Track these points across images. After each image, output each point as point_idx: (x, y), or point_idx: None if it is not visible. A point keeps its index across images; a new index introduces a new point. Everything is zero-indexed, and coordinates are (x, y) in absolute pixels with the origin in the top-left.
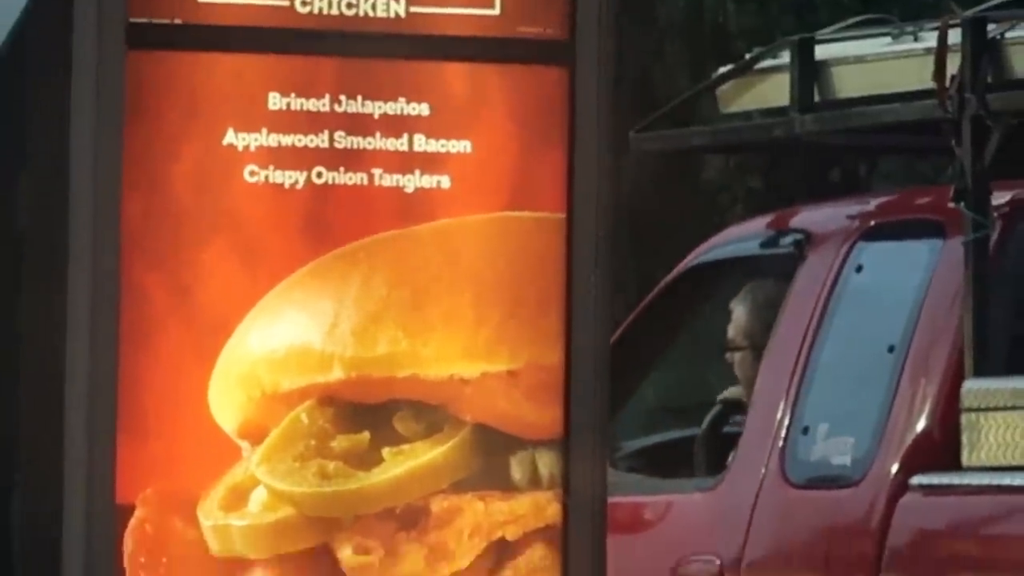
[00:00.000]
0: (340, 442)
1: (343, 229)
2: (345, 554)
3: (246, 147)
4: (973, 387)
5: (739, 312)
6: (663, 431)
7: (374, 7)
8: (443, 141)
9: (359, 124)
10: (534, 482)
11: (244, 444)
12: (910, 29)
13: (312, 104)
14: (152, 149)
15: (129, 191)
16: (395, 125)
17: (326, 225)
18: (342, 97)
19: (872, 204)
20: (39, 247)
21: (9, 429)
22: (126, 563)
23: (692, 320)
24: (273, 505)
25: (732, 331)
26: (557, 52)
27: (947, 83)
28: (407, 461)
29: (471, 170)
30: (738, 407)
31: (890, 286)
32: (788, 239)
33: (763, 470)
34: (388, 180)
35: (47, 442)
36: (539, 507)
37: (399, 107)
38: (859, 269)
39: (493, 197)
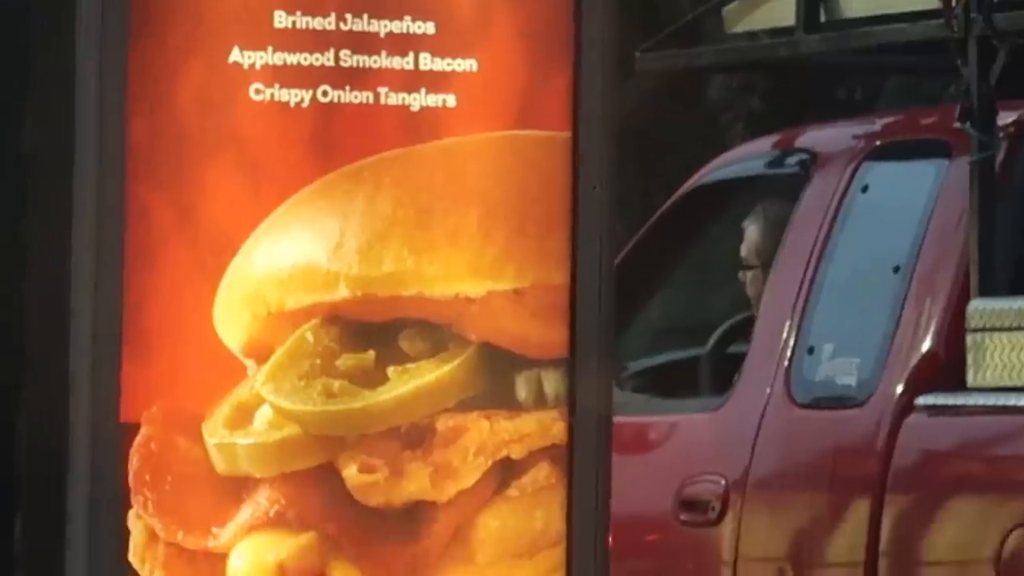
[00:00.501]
0: (345, 361)
1: (349, 147)
2: (350, 472)
3: (251, 65)
4: (979, 307)
5: (751, 231)
6: (668, 352)
7: None
8: (449, 60)
9: (365, 42)
10: (539, 401)
11: (249, 363)
12: None
13: (318, 22)
14: (156, 68)
15: (134, 110)
16: (401, 43)
17: (331, 143)
18: (348, 15)
19: (878, 124)
20: (44, 166)
21: (15, 347)
22: (131, 481)
23: (697, 241)
24: (278, 423)
25: (745, 250)
26: None
27: (953, 2)
28: (412, 380)
29: (477, 89)
30: (744, 328)
31: (895, 206)
32: (794, 159)
33: (768, 390)
34: (394, 99)
35: (52, 361)
36: (544, 426)
37: (405, 25)
38: (865, 189)
39: (499, 116)
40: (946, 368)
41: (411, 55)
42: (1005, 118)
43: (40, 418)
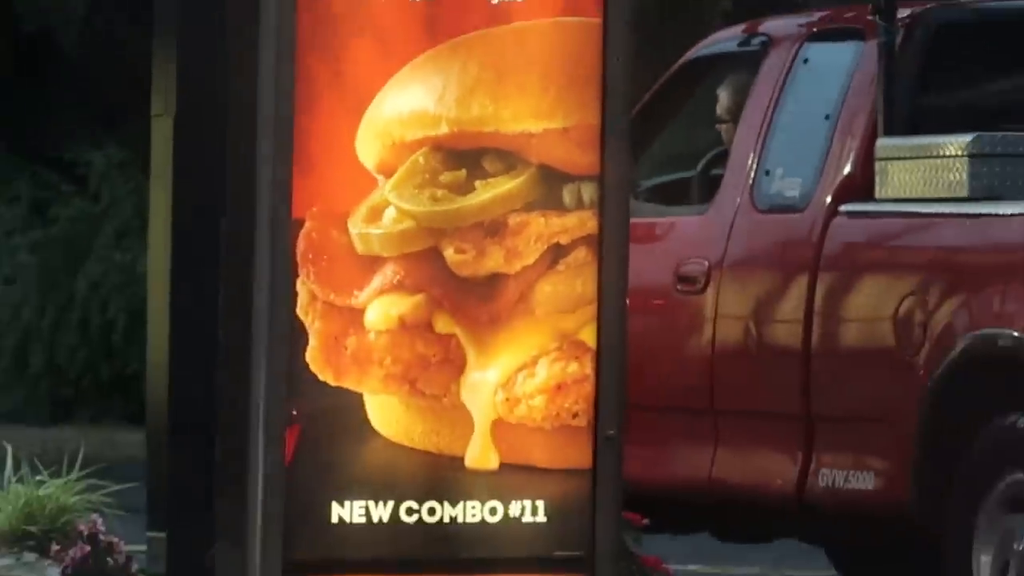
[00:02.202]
0: (445, 176)
1: (450, 28)
2: (449, 253)
3: None
4: (884, 143)
5: (723, 95)
6: (670, 173)
7: None
8: None
9: None
10: (579, 204)
11: (380, 177)
12: None
13: None
14: None
15: (301, 5)
16: None
17: (438, 25)
18: None
19: (816, 16)
20: (237, 39)
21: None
22: (299, 258)
23: (690, 98)
24: (399, 219)
25: (719, 109)
26: None
27: None
28: (492, 190)
29: None
30: (722, 158)
31: (827, 73)
32: (757, 41)
33: (738, 200)
34: None
35: (245, 177)
36: (583, 222)
37: None
38: (806, 61)
39: (552, 7)
40: (861, 186)
41: None
42: (903, 12)
43: (234, 219)
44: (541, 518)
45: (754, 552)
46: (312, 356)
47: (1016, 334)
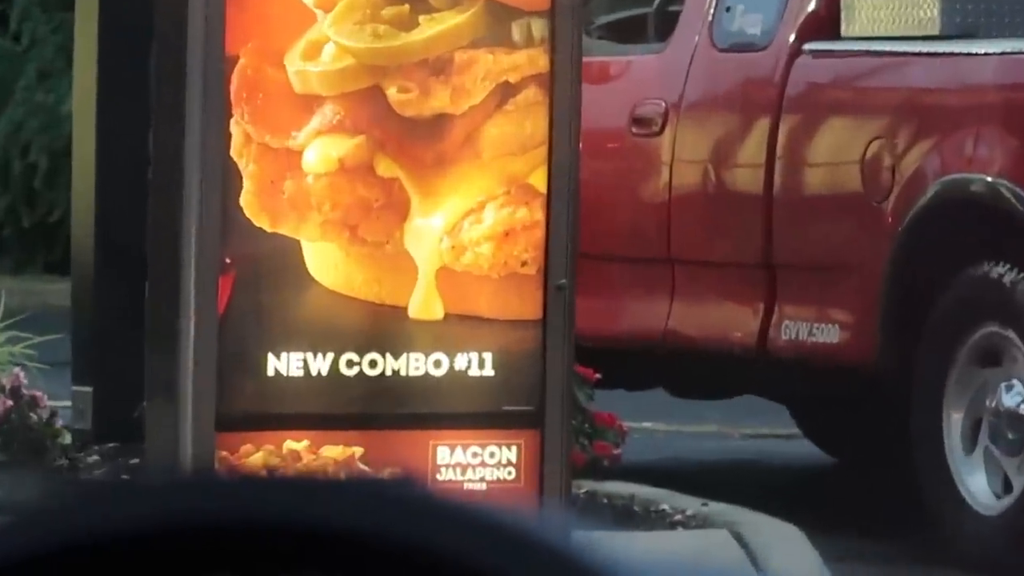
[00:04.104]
0: (388, 11)
1: None
2: (391, 92)
3: None
4: None
5: None
6: (626, 9)
7: None
8: None
9: None
10: (529, 41)
11: (319, 12)
12: None
13: None
14: None
15: None
16: None
17: None
18: None
19: None
20: None
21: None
22: (232, 97)
23: None
24: (339, 56)
25: None
26: None
27: None
28: (437, 25)
29: None
30: None
31: None
32: None
33: (697, 38)
34: None
35: (174, 12)
36: (533, 59)
37: None
38: None
39: None
40: (826, 23)
41: None
42: None
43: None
44: (488, 371)
45: (710, 409)
46: (247, 201)
47: (989, 179)
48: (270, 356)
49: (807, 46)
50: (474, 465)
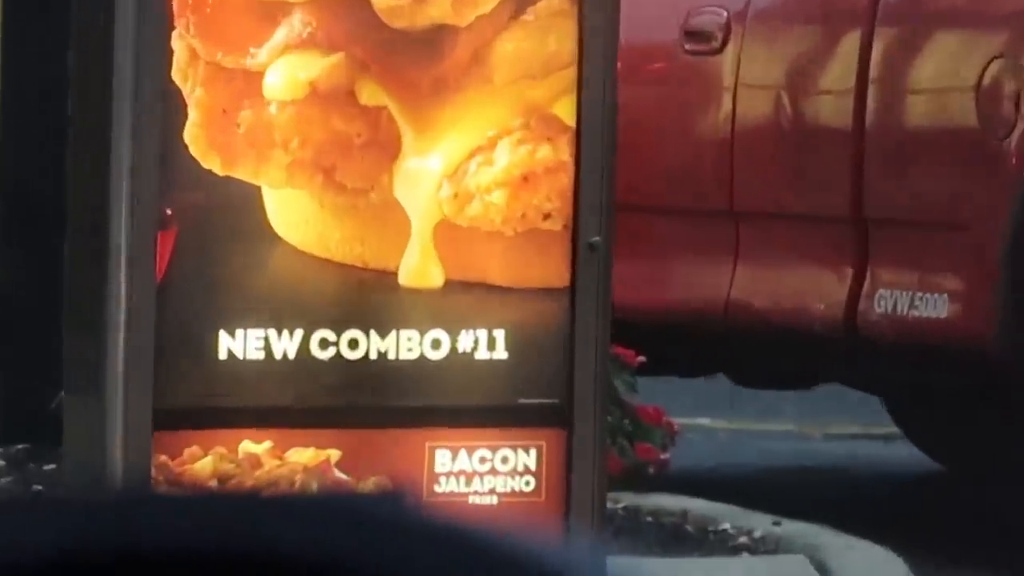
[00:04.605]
0: None
1: None
2: None
3: None
4: None
5: None
6: None
7: None
8: None
9: None
10: None
11: None
12: None
13: None
14: None
15: None
16: None
17: None
18: None
19: None
20: None
21: None
22: (174, 4)
23: None
24: None
25: None
26: None
27: None
28: None
29: None
30: None
31: None
32: None
33: None
34: None
35: None
36: None
37: None
38: None
39: None
40: None
41: None
42: None
43: None
44: (500, 354)
45: (785, 402)
46: (193, 136)
47: None
48: (222, 334)
49: None
50: (482, 473)
